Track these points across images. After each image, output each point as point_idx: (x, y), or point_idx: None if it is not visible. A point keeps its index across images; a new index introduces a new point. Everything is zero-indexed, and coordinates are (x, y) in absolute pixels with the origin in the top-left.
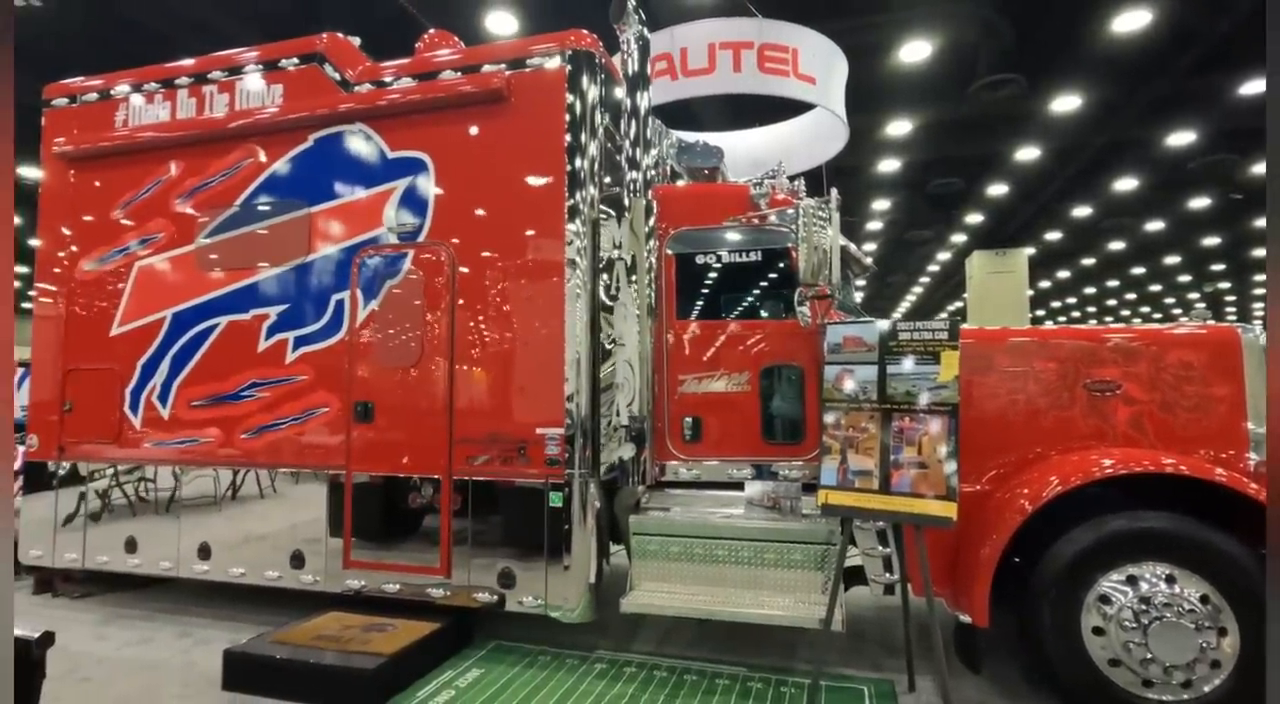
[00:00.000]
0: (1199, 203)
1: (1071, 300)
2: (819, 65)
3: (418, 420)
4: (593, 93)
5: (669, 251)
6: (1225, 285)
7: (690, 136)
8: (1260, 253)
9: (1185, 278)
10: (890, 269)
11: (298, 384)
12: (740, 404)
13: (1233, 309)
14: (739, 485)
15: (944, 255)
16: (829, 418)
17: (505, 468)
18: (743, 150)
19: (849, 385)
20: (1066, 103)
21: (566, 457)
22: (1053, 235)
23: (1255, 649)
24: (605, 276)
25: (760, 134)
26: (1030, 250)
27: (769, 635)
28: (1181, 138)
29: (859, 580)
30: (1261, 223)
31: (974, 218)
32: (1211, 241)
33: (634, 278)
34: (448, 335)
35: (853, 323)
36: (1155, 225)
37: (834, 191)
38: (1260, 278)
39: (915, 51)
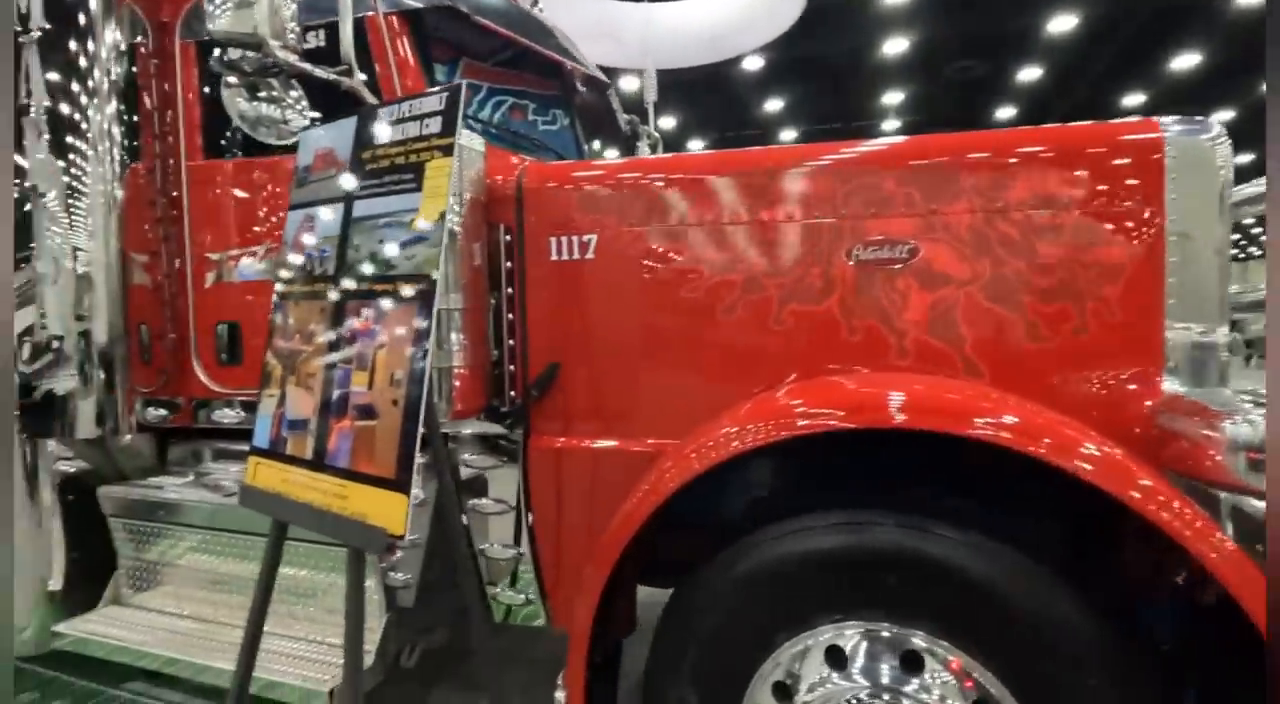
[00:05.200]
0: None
1: None
2: None
3: None
4: None
5: (183, 39)
6: None
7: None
8: None
9: None
10: None
11: None
12: None
13: None
14: None
15: None
16: (276, 313)
17: None
18: (695, 23)
19: (307, 247)
20: None
21: None
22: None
23: None
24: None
25: (703, 3)
26: None
27: None
28: None
29: None
30: None
31: (1006, 112)
32: None
33: (87, 89)
34: None
35: (338, 122)
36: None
37: None
38: None
39: None
